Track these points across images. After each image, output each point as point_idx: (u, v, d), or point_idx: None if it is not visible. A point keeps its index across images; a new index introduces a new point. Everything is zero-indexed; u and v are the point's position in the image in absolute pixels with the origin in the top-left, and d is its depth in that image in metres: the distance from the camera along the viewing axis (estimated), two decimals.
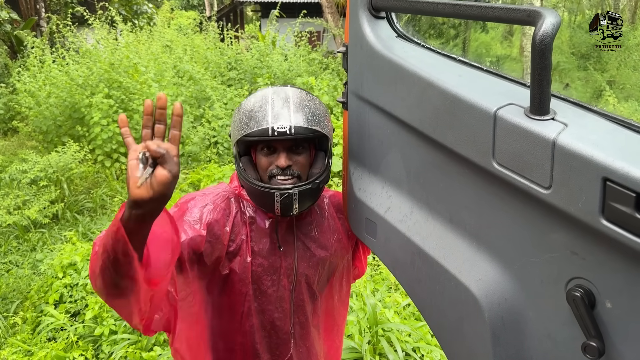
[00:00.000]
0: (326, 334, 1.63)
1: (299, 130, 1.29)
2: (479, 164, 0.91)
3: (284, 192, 1.30)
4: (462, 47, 16.03)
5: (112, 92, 6.91)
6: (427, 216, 1.11)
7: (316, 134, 1.32)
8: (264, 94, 1.37)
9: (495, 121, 0.86)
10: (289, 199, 1.30)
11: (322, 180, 1.36)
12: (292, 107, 1.32)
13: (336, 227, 1.53)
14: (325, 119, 1.36)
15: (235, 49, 10.35)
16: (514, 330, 0.94)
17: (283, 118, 1.29)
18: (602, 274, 0.79)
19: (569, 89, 12.15)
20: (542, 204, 0.82)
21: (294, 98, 1.34)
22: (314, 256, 1.47)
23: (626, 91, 11.57)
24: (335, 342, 1.68)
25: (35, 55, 8.29)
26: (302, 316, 1.50)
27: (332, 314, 1.62)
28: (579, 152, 0.75)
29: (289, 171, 1.34)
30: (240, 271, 1.40)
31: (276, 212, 1.33)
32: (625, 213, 0.71)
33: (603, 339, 0.80)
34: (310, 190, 1.33)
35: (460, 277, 1.00)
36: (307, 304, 1.50)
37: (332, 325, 1.64)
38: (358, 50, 1.21)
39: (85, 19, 8.50)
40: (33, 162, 5.99)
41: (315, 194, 1.37)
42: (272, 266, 1.43)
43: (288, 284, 1.45)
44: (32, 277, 4.23)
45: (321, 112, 1.36)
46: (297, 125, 1.29)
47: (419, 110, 1.04)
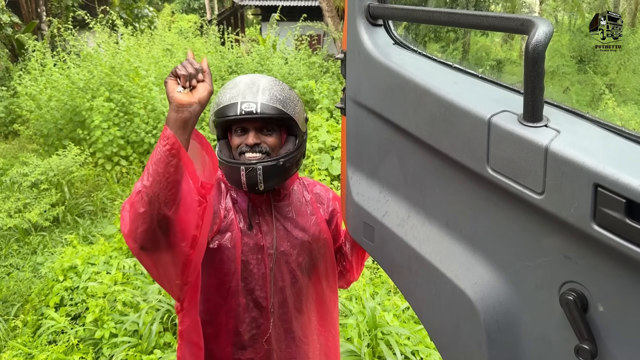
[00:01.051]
0: (321, 323, 1.68)
1: (264, 109, 1.43)
2: (474, 169, 0.93)
3: (248, 166, 1.42)
4: (462, 50, 16.08)
5: (113, 96, 6.94)
6: (424, 220, 1.13)
7: (283, 115, 1.46)
8: (237, 79, 1.52)
9: (490, 128, 0.87)
10: (254, 172, 1.42)
11: (288, 160, 1.48)
12: (260, 90, 1.46)
13: (314, 212, 1.62)
14: (293, 103, 1.50)
15: (235, 53, 10.38)
16: (509, 333, 0.96)
17: (250, 99, 1.44)
18: (594, 278, 0.80)
19: (568, 92, 12.17)
20: (536, 209, 0.83)
21: (264, 82, 1.49)
22: (293, 237, 1.56)
23: (626, 94, 11.59)
24: (331, 331, 1.72)
25: (37, 58, 8.32)
26: (281, 296, 1.56)
27: (324, 300, 1.67)
28: (570, 159, 0.76)
29: (257, 148, 1.46)
30: (232, 246, 1.48)
31: (243, 186, 1.44)
32: (615, 218, 0.72)
33: (595, 342, 0.81)
34: (274, 167, 1.45)
35: (456, 280, 1.02)
36: (288, 284, 1.56)
37: (325, 313, 1.69)
38: (356, 57, 1.22)
39: (87, 23, 8.53)
40: (34, 165, 6.02)
41: (280, 173, 1.48)
42: (257, 245, 1.51)
43: (269, 263, 1.52)
44: (32, 280, 4.25)
45: (289, 97, 1.50)
46: (263, 103, 1.43)
47: (416, 117, 1.06)
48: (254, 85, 1.47)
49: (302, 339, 1.62)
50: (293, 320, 1.59)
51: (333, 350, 1.74)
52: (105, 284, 3.61)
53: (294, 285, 1.57)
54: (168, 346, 3.26)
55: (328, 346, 1.72)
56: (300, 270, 1.58)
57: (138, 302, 3.55)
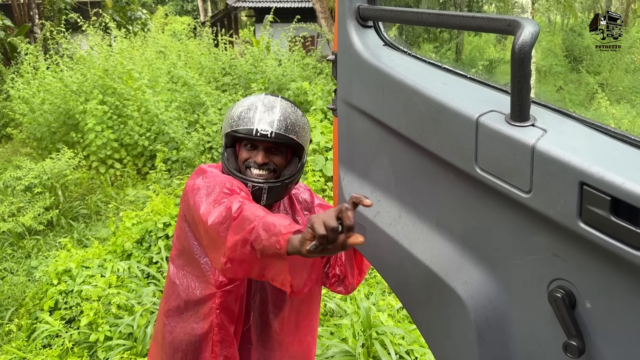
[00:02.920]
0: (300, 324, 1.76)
1: (278, 136, 1.53)
2: (463, 169, 0.94)
3: (256, 185, 1.54)
4: (455, 50, 16.13)
5: (107, 99, 6.92)
6: (415, 220, 1.14)
7: (293, 142, 1.56)
8: (257, 98, 1.61)
9: (478, 127, 0.89)
10: (259, 191, 1.54)
11: (291, 181, 1.60)
12: (276, 115, 1.55)
13: (301, 221, 1.70)
14: (304, 130, 1.61)
15: (229, 55, 10.37)
16: (498, 330, 0.97)
17: (267, 123, 1.53)
18: (581, 275, 0.81)
19: (562, 91, 12.23)
20: (523, 207, 0.84)
21: (281, 107, 1.58)
22: None
23: (619, 93, 11.66)
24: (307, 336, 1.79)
25: (29, 61, 8.29)
26: (263, 293, 1.65)
27: (305, 302, 1.75)
28: (557, 158, 0.77)
29: (265, 167, 1.56)
30: None
31: None
32: (601, 216, 0.73)
33: (583, 338, 0.82)
34: (279, 187, 1.57)
35: (446, 279, 1.03)
36: (268, 285, 1.64)
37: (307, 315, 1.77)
38: (347, 58, 1.23)
39: (79, 26, 8.50)
40: (27, 169, 5.99)
41: (282, 192, 1.60)
42: None
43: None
44: (27, 284, 4.23)
45: (301, 124, 1.60)
46: (278, 132, 1.53)
47: (405, 117, 1.07)
48: (273, 110, 1.56)
49: (279, 334, 1.71)
50: (270, 315, 1.68)
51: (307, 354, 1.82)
52: (100, 287, 3.60)
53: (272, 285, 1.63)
54: None
55: (303, 348, 1.79)
56: None
57: (132, 305, 3.54)
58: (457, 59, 15.58)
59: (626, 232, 0.71)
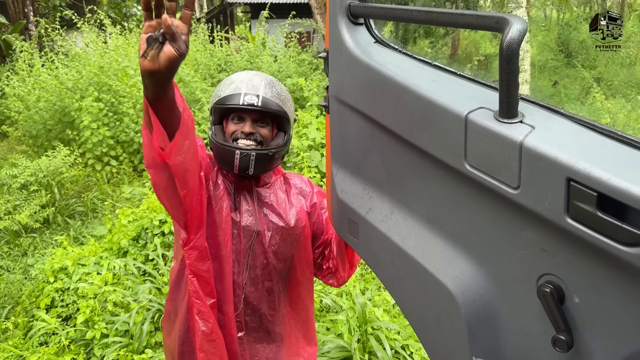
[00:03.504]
0: (291, 306, 1.79)
1: (265, 103, 1.58)
2: (453, 165, 0.94)
3: (243, 152, 1.56)
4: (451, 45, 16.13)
5: (102, 96, 6.91)
6: (407, 216, 1.14)
7: (280, 111, 1.61)
8: (242, 73, 1.66)
9: (467, 124, 0.89)
10: (247, 158, 1.56)
11: (278, 152, 1.62)
12: (262, 84, 1.60)
13: (293, 204, 1.73)
14: (289, 102, 1.66)
15: (225, 51, 10.35)
16: (489, 325, 0.97)
17: (253, 92, 1.58)
18: (569, 270, 0.82)
19: (557, 86, 12.26)
20: (512, 203, 0.85)
21: (265, 78, 1.63)
22: (268, 220, 1.67)
23: (614, 88, 11.69)
24: (301, 315, 1.83)
25: (24, 59, 8.27)
26: (253, 273, 1.67)
27: (296, 286, 1.78)
28: (544, 154, 0.78)
29: (252, 137, 1.60)
30: (225, 214, 1.61)
31: (235, 169, 1.57)
32: (588, 211, 0.74)
33: (572, 333, 0.83)
34: (266, 156, 1.59)
35: (437, 275, 1.03)
36: (259, 265, 1.67)
37: (296, 298, 1.80)
38: (338, 55, 1.23)
39: (74, 23, 8.48)
40: (23, 167, 5.99)
41: (269, 161, 1.62)
42: (233, 220, 1.63)
43: (245, 242, 1.64)
44: (23, 282, 4.24)
45: (287, 97, 1.66)
46: (265, 97, 1.58)
47: (396, 114, 1.07)
48: (257, 80, 1.61)
49: (269, 318, 1.72)
50: (262, 299, 1.70)
51: (303, 333, 1.84)
52: (96, 284, 3.61)
53: (265, 266, 1.68)
54: (159, 345, 3.26)
55: (297, 328, 1.82)
56: (273, 252, 1.68)
57: (129, 302, 3.55)
58: (453, 54, 15.60)
59: (612, 228, 0.72)
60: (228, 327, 1.65)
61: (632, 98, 10.09)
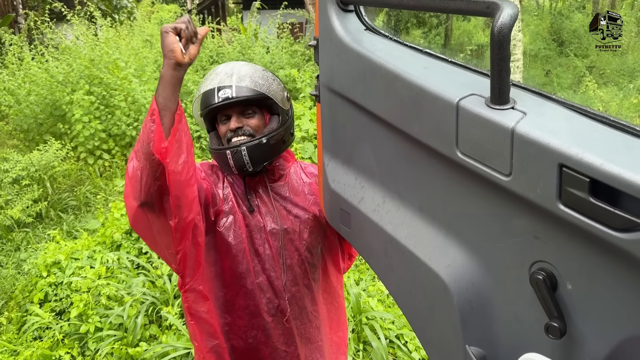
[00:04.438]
0: (324, 296, 1.72)
1: (239, 92, 1.49)
2: (444, 153, 0.93)
3: (233, 149, 1.48)
4: (444, 35, 16.10)
5: (93, 89, 6.86)
6: (399, 205, 1.13)
7: (258, 95, 1.51)
8: (217, 68, 1.58)
9: (458, 111, 0.88)
10: (239, 154, 1.47)
11: (271, 137, 1.52)
12: (234, 75, 1.52)
13: (312, 192, 1.64)
14: (268, 82, 1.55)
15: (217, 42, 10.29)
16: (482, 313, 0.97)
17: (226, 85, 1.50)
18: (562, 257, 0.82)
19: (550, 75, 12.27)
20: (504, 190, 0.84)
21: (238, 68, 1.54)
22: (294, 216, 1.59)
23: (606, 76, 11.72)
24: (333, 303, 1.76)
25: (14, 52, 8.18)
26: (291, 274, 1.59)
27: (328, 275, 1.72)
28: (536, 140, 0.77)
29: (240, 131, 1.52)
30: (237, 228, 1.53)
31: (232, 169, 1.50)
32: (580, 197, 0.73)
33: (565, 320, 0.82)
34: (258, 146, 1.49)
35: (430, 263, 1.03)
36: (295, 262, 1.59)
37: (329, 287, 1.73)
38: (328, 43, 1.22)
39: (64, 15, 8.40)
40: (15, 161, 5.94)
41: (266, 151, 1.52)
42: (256, 226, 1.55)
43: (275, 243, 1.56)
44: (16, 276, 4.22)
45: (264, 76, 1.55)
46: (238, 86, 1.49)
47: (387, 102, 1.06)
48: (230, 72, 1.53)
49: (313, 314, 1.67)
50: (305, 297, 1.63)
51: (335, 320, 1.79)
52: (89, 278, 3.59)
53: (301, 263, 1.61)
54: (154, 338, 3.26)
55: (331, 317, 1.77)
56: (306, 248, 1.61)
57: (122, 295, 3.53)
58: (446, 43, 15.57)
59: (605, 214, 0.71)
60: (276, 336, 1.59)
61: (624, 86, 10.12)
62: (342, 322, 1.82)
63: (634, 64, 11.97)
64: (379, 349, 2.87)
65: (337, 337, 1.79)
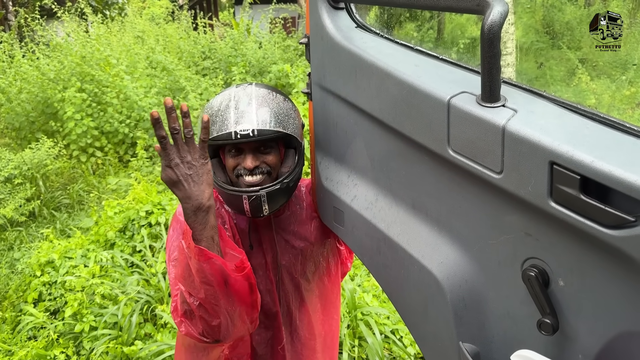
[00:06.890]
0: (324, 313, 1.68)
1: (262, 133, 1.28)
2: (436, 151, 0.93)
3: (251, 194, 1.30)
4: (437, 29, 16.07)
5: (85, 86, 6.82)
6: (392, 203, 1.14)
7: (282, 133, 1.31)
8: (226, 95, 1.35)
9: (449, 109, 0.88)
10: (257, 200, 1.30)
11: (291, 179, 1.35)
12: (254, 108, 1.30)
13: (313, 215, 1.53)
14: (289, 117, 1.34)
15: (209, 38, 10.23)
16: (475, 310, 0.97)
17: (245, 121, 1.28)
18: (554, 254, 0.82)
19: (543, 68, 12.27)
20: (496, 188, 0.85)
21: (257, 98, 1.32)
22: (294, 248, 1.51)
23: (599, 69, 11.72)
24: (334, 317, 1.73)
25: (4, 50, 8.12)
26: (285, 305, 1.55)
27: (326, 293, 1.66)
28: (527, 138, 0.77)
29: (257, 170, 1.33)
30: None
31: (247, 214, 1.34)
32: (571, 195, 0.73)
33: (557, 316, 0.83)
34: (279, 190, 1.33)
35: (423, 261, 1.03)
36: (291, 293, 1.55)
37: (327, 304, 1.68)
38: (319, 41, 1.22)
39: (54, 12, 8.33)
40: (6, 160, 5.90)
41: (285, 193, 1.36)
42: (259, 263, 1.47)
43: (273, 278, 1.50)
44: (10, 276, 4.19)
45: (285, 110, 1.34)
46: (260, 128, 1.27)
47: (379, 100, 1.06)
48: (249, 104, 1.31)
49: (307, 336, 1.62)
50: (297, 323, 1.59)
51: (330, 335, 1.75)
52: (83, 277, 3.58)
53: (297, 292, 1.56)
54: (149, 337, 3.25)
55: (327, 333, 1.73)
56: (303, 278, 1.55)
57: (117, 294, 3.52)
58: (439, 36, 15.54)
59: (595, 210, 0.72)
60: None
61: (617, 78, 10.13)
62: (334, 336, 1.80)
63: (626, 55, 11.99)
64: (374, 345, 2.87)
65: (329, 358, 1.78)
